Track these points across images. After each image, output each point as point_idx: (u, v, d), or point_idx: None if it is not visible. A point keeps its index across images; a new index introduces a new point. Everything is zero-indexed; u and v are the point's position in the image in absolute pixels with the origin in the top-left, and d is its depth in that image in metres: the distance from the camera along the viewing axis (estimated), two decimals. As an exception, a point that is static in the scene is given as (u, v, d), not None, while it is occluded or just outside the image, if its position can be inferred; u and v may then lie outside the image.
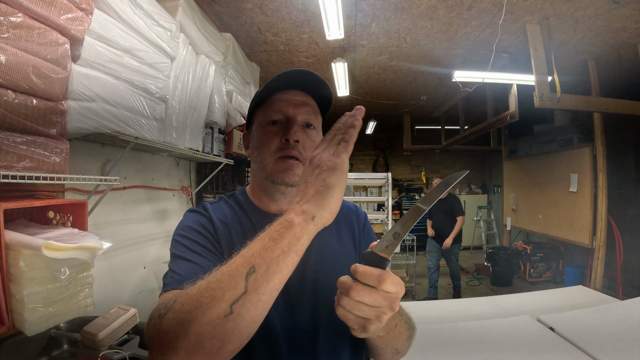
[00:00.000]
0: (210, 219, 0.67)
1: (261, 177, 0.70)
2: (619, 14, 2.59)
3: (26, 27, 1.00)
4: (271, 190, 0.71)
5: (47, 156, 1.11)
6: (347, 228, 0.78)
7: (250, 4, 2.48)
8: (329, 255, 0.71)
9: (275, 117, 0.68)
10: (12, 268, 0.99)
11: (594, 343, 1.38)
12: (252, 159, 0.72)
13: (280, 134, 0.67)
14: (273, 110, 0.69)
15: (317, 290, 0.67)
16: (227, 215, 0.70)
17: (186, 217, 0.70)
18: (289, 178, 0.66)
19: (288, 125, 0.68)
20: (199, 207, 0.72)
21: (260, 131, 0.69)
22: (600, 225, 3.50)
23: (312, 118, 0.70)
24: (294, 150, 0.66)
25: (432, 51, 3.38)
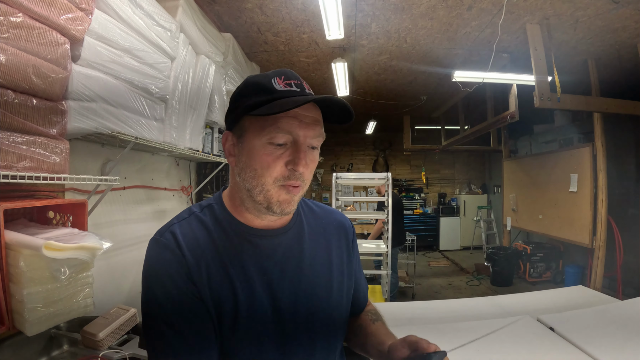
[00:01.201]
0: (183, 257, 0.57)
1: (253, 199, 0.60)
2: (619, 14, 2.59)
3: (26, 27, 1.00)
4: (262, 213, 0.62)
5: (47, 156, 1.11)
6: (338, 242, 0.75)
7: (250, 4, 2.48)
8: (320, 272, 0.68)
9: (281, 139, 0.57)
10: (12, 268, 0.99)
11: (594, 343, 1.38)
12: (242, 177, 0.61)
13: (284, 159, 0.58)
14: (279, 130, 0.56)
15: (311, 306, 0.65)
16: (199, 242, 0.60)
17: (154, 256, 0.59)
18: (289, 208, 0.60)
19: (296, 150, 0.57)
20: (166, 239, 0.59)
21: (260, 150, 0.58)
22: (600, 225, 3.50)
23: (320, 139, 0.61)
24: (298, 179, 0.59)
25: (432, 51, 3.38)
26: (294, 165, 0.57)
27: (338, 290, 0.70)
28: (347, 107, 0.59)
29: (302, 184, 0.60)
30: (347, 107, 0.59)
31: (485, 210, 7.30)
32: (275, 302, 0.61)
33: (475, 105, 5.02)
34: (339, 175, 3.52)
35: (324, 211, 0.78)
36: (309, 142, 0.59)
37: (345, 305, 0.72)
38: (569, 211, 4.04)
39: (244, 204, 0.63)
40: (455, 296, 4.48)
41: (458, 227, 7.50)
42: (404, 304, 2.14)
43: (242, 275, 0.60)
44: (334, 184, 3.45)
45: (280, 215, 0.61)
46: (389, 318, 0.78)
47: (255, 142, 0.58)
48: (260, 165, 0.58)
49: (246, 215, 0.64)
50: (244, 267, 0.61)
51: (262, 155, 0.58)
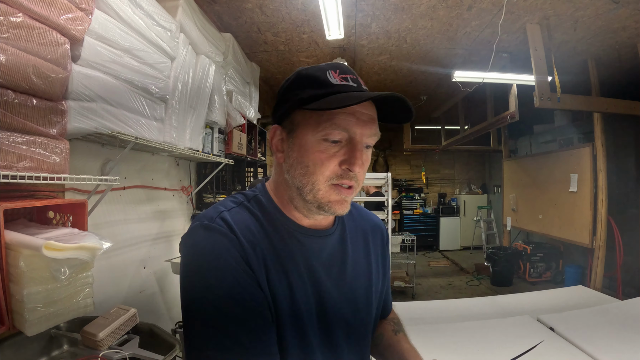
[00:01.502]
0: (239, 242, 0.53)
1: (303, 198, 0.57)
2: (619, 14, 2.59)
3: (26, 27, 1.00)
4: (311, 212, 0.59)
5: (47, 156, 1.11)
6: (374, 245, 0.73)
7: (250, 4, 2.48)
8: (360, 275, 0.68)
9: (337, 136, 0.54)
10: (12, 268, 0.99)
11: (594, 343, 1.38)
12: (292, 174, 0.58)
13: (339, 157, 0.54)
14: (336, 126, 0.53)
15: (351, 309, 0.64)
16: (254, 232, 0.56)
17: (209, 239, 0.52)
18: (341, 210, 0.57)
19: (351, 149, 0.54)
20: (218, 224, 0.54)
21: (313, 146, 0.54)
22: (600, 225, 3.50)
23: (375, 138, 0.58)
24: (352, 179, 0.55)
25: (432, 51, 3.38)
26: (349, 164, 0.54)
27: (376, 294, 0.70)
28: (407, 105, 0.55)
29: (355, 185, 0.57)
30: (408, 106, 0.56)
31: (485, 210, 7.31)
32: (322, 304, 0.60)
33: (475, 105, 5.02)
34: (339, 175, 3.51)
35: (360, 212, 0.77)
36: (365, 141, 0.56)
37: (377, 309, 0.72)
38: (569, 211, 4.04)
39: (293, 202, 0.60)
40: (455, 296, 4.48)
41: (458, 227, 7.51)
42: (404, 304, 2.14)
43: (296, 272, 0.57)
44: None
45: (330, 214, 0.58)
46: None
47: (308, 138, 0.55)
48: (312, 162, 0.54)
49: (294, 213, 0.61)
50: (297, 262, 0.58)
51: (315, 152, 0.54)
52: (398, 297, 4.47)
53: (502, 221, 5.78)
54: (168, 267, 1.98)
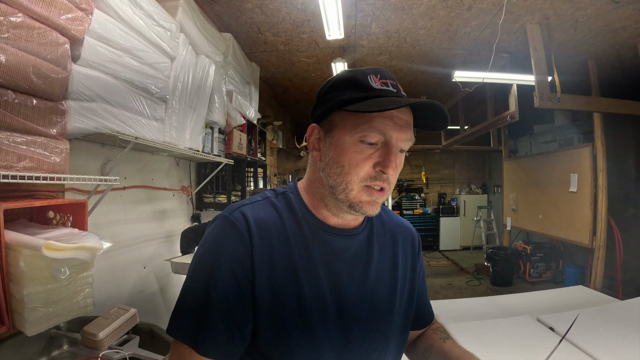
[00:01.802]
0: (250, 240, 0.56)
1: (335, 197, 0.59)
2: (619, 14, 2.59)
3: (26, 27, 1.00)
4: (342, 211, 0.61)
5: (47, 156, 1.11)
6: (404, 249, 0.72)
7: (250, 4, 2.48)
8: (385, 278, 0.66)
9: (373, 138, 0.56)
10: (12, 268, 0.99)
11: (594, 343, 1.38)
12: (326, 172, 0.59)
13: (374, 159, 0.56)
14: (373, 129, 0.55)
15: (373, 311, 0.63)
16: (270, 228, 0.59)
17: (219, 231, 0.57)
18: (372, 211, 0.58)
19: (387, 152, 0.56)
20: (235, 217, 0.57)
21: (350, 147, 0.56)
22: (600, 225, 3.50)
23: (409, 143, 0.59)
24: (385, 182, 0.57)
25: (432, 51, 3.38)
26: (383, 167, 0.56)
27: (400, 298, 0.68)
28: (444, 112, 0.57)
29: (387, 187, 0.58)
30: (444, 113, 0.57)
31: (485, 210, 7.31)
32: (339, 302, 0.60)
33: (475, 105, 5.02)
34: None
35: (391, 217, 0.76)
36: (400, 145, 0.58)
37: (405, 315, 0.69)
38: (569, 211, 4.04)
39: (324, 200, 0.62)
40: (455, 296, 4.48)
41: (458, 227, 7.51)
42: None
43: (308, 268, 0.59)
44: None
45: (361, 214, 0.59)
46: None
47: (345, 138, 0.57)
48: (348, 163, 0.57)
49: (323, 211, 0.63)
50: (313, 260, 0.59)
51: (351, 153, 0.56)
52: (398, 297, 4.47)
53: (502, 221, 5.78)
54: (168, 267, 1.98)
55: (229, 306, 0.54)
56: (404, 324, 0.69)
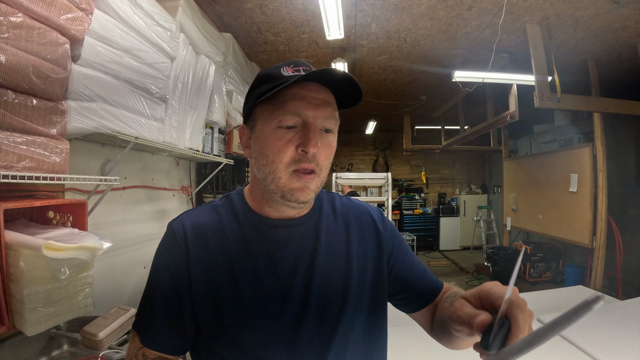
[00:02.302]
0: (186, 245, 0.61)
1: (268, 189, 0.60)
2: (619, 14, 2.59)
3: (26, 27, 1.00)
4: (278, 203, 0.61)
5: (47, 156, 1.11)
6: (360, 234, 0.69)
7: (250, 4, 2.48)
8: (337, 265, 0.64)
9: (290, 121, 0.56)
10: (12, 268, 0.99)
11: (594, 343, 1.38)
12: (257, 166, 0.61)
13: (295, 142, 0.56)
14: (287, 112, 0.56)
15: (324, 300, 0.61)
16: (207, 229, 0.63)
17: (163, 240, 0.65)
18: (304, 196, 0.58)
19: (305, 131, 0.56)
20: (174, 226, 0.63)
21: (270, 135, 0.57)
22: (600, 225, 3.50)
23: (332, 122, 0.59)
24: (311, 162, 0.56)
25: (432, 51, 3.38)
26: (304, 146, 0.56)
27: (359, 284, 0.65)
28: (351, 79, 0.57)
29: (317, 169, 0.58)
30: (353, 80, 0.57)
31: (485, 210, 7.31)
32: (286, 293, 0.60)
33: (475, 105, 5.02)
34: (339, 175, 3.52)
35: (345, 203, 0.73)
36: (321, 124, 0.58)
37: (372, 298, 0.66)
38: (569, 211, 4.04)
39: (264, 197, 0.63)
40: (455, 296, 4.48)
41: (458, 227, 7.50)
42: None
43: (247, 263, 0.61)
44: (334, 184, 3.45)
45: (296, 203, 0.59)
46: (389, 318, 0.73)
47: (265, 129, 0.58)
48: (271, 151, 0.57)
49: (265, 208, 0.64)
50: (252, 255, 0.61)
51: (272, 140, 0.57)
52: (398, 297, 4.47)
53: (502, 221, 5.77)
54: (168, 267, 1.98)
55: (168, 305, 0.61)
56: (373, 308, 0.66)
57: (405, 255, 0.73)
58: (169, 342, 0.62)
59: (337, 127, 0.62)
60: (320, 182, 0.60)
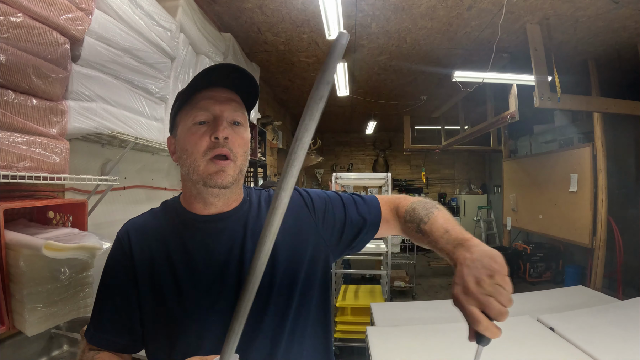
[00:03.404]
0: (130, 247, 0.69)
1: (192, 180, 0.67)
2: (619, 14, 2.60)
3: (26, 27, 1.00)
4: (203, 193, 0.67)
5: (47, 156, 1.11)
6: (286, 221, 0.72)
7: (250, 4, 2.48)
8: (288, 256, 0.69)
9: (202, 117, 0.65)
10: (12, 268, 0.99)
11: (594, 343, 1.38)
12: (181, 163, 0.68)
13: (208, 133, 0.64)
14: (198, 110, 0.65)
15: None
16: (147, 230, 0.71)
17: (111, 248, 0.72)
18: (222, 180, 0.64)
19: (215, 123, 0.65)
20: (122, 234, 0.71)
21: (187, 132, 0.66)
22: (600, 225, 3.50)
23: (239, 115, 0.68)
24: (224, 147, 0.64)
25: (432, 51, 3.38)
26: (214, 133, 0.63)
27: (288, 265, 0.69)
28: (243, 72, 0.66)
29: (231, 155, 0.64)
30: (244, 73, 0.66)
31: (485, 210, 7.31)
32: (223, 280, 0.65)
33: (475, 105, 5.02)
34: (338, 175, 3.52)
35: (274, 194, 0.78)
36: (229, 117, 0.66)
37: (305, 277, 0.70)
38: (569, 211, 4.04)
39: (192, 193, 0.69)
40: (455, 296, 4.48)
41: (458, 227, 7.50)
42: (404, 304, 2.14)
43: (184, 256, 0.66)
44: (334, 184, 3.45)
45: (217, 189, 0.65)
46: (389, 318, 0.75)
47: (183, 129, 0.67)
48: (189, 144, 0.65)
49: (195, 205, 0.70)
50: (188, 248, 0.67)
51: (189, 136, 0.65)
52: (398, 297, 4.47)
53: (502, 221, 5.78)
54: (168, 267, 1.98)
55: (115, 306, 0.67)
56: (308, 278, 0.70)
57: (335, 205, 0.78)
58: (118, 341, 0.67)
59: (247, 121, 0.71)
60: (238, 169, 0.66)
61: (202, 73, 0.65)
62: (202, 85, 0.66)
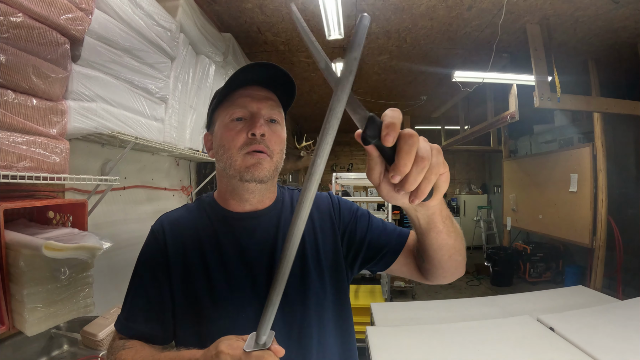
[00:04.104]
0: (164, 241, 0.70)
1: (228, 176, 0.68)
2: (619, 14, 2.60)
3: (26, 27, 1.00)
4: (239, 189, 0.69)
5: (47, 156, 1.11)
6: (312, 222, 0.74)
7: (250, 4, 2.48)
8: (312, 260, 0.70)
9: (239, 113, 0.67)
10: (12, 268, 0.99)
11: (594, 343, 1.38)
12: (217, 159, 0.70)
13: (245, 129, 0.66)
14: (236, 107, 0.67)
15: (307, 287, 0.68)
16: (181, 225, 0.72)
17: (145, 241, 0.73)
18: (258, 172, 0.65)
19: (252, 120, 0.66)
20: (157, 227, 0.73)
21: (224, 129, 0.67)
22: (600, 225, 3.50)
23: (276, 113, 0.69)
24: (261, 144, 0.65)
25: (432, 51, 3.38)
26: (251, 130, 0.65)
27: (315, 262, 0.70)
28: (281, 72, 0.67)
29: (268, 151, 0.66)
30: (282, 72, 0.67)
31: (485, 210, 7.30)
32: (254, 279, 0.66)
33: (475, 105, 5.02)
34: (339, 175, 3.52)
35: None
36: (266, 114, 0.67)
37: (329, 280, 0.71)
38: (569, 211, 4.03)
39: (227, 190, 0.71)
40: (455, 296, 4.48)
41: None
42: (404, 304, 2.14)
43: (217, 253, 0.68)
44: (334, 184, 3.45)
45: (254, 183, 0.66)
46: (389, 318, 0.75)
47: (221, 126, 0.69)
48: (227, 140, 0.66)
49: (230, 202, 0.71)
50: (220, 245, 0.68)
51: (227, 132, 0.67)
52: (398, 297, 4.47)
53: (502, 221, 5.77)
54: (168, 267, 1.98)
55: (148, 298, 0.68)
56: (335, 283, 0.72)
57: (360, 221, 0.77)
58: (149, 332, 0.68)
59: (283, 120, 0.72)
60: (274, 165, 0.68)
61: (240, 71, 0.66)
62: (240, 83, 0.68)
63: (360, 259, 0.75)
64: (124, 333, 0.68)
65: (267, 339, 0.44)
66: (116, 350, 0.65)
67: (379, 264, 0.75)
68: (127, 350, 0.64)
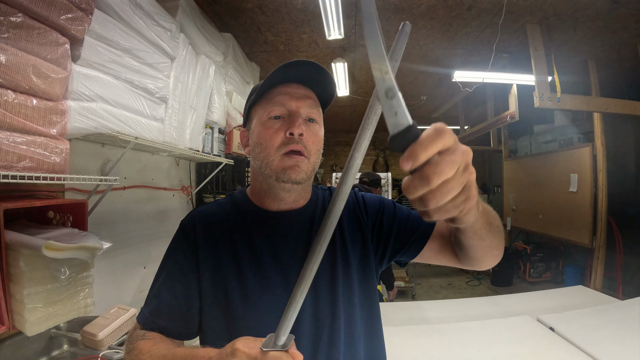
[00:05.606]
0: (195, 236, 0.68)
1: (264, 175, 0.66)
2: (619, 14, 2.60)
3: (26, 27, 1.00)
4: (275, 188, 0.67)
5: (47, 156, 1.11)
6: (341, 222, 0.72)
7: (250, 4, 2.48)
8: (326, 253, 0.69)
9: (277, 111, 0.65)
10: (12, 268, 0.99)
11: (594, 343, 1.38)
12: (253, 156, 0.68)
13: (283, 128, 0.64)
14: (274, 105, 0.65)
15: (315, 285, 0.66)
16: (213, 221, 0.70)
17: (175, 236, 0.72)
18: (295, 175, 0.63)
19: (291, 119, 0.64)
20: (187, 222, 0.72)
21: (262, 127, 0.66)
22: (600, 225, 3.50)
23: (315, 112, 0.67)
24: (299, 144, 0.63)
25: (432, 51, 3.38)
26: (290, 129, 0.63)
27: (344, 264, 0.69)
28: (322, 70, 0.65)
29: (305, 152, 0.64)
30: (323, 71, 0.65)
31: (485, 210, 7.28)
32: (287, 278, 0.65)
33: (475, 105, 5.02)
34: (339, 175, 3.52)
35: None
36: (304, 113, 0.66)
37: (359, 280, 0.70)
38: (569, 211, 4.04)
39: (262, 188, 0.70)
40: (455, 296, 4.48)
41: (458, 227, 7.49)
42: (404, 304, 2.14)
43: (250, 251, 0.67)
44: (334, 184, 3.45)
45: (290, 184, 0.64)
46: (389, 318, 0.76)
47: (258, 123, 0.67)
48: (264, 139, 0.65)
49: (265, 200, 0.70)
50: (254, 244, 0.67)
51: (264, 130, 0.65)
52: (398, 297, 4.47)
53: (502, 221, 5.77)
54: (168, 267, 1.98)
55: (175, 293, 0.67)
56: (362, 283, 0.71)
57: (387, 212, 0.77)
58: (172, 327, 0.67)
59: (322, 119, 0.70)
60: (311, 166, 0.66)
61: (279, 68, 0.64)
62: (279, 80, 0.66)
63: (390, 250, 0.74)
64: (147, 327, 0.68)
65: (286, 340, 0.44)
66: (135, 339, 0.65)
67: (409, 252, 0.74)
68: (146, 340, 0.63)
